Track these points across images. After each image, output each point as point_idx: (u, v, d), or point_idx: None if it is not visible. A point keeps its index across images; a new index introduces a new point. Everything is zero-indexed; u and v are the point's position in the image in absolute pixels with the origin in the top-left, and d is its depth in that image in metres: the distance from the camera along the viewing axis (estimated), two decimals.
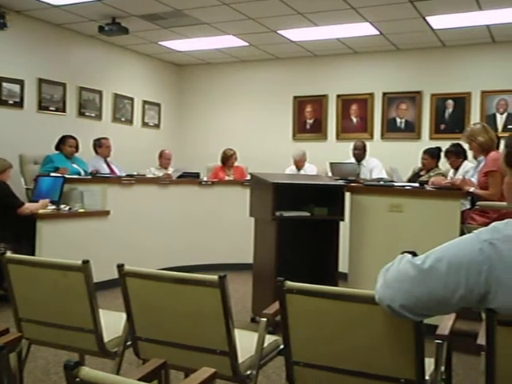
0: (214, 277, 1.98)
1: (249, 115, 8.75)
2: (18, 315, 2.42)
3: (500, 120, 7.20)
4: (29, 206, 4.77)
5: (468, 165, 5.28)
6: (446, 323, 2.04)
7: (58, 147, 6.20)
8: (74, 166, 6.10)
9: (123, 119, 8.28)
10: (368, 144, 6.96)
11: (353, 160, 6.80)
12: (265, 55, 8.43)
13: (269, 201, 3.93)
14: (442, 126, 7.55)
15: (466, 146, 4.74)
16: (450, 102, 7.50)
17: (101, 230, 5.26)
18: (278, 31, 7.09)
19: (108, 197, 5.37)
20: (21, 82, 6.69)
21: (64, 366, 1.21)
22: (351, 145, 6.94)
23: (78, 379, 1.21)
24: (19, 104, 6.69)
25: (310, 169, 7.18)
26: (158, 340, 2.17)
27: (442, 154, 5.80)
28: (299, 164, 7.19)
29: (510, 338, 1.48)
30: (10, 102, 6.59)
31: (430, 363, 1.91)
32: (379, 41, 7.32)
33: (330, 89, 8.19)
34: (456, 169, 5.50)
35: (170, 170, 6.77)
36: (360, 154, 6.76)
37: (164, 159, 7.20)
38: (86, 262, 2.21)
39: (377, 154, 6.94)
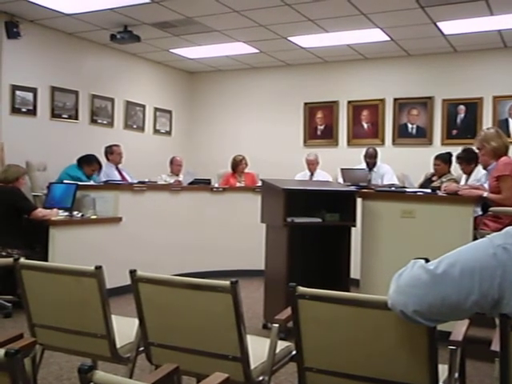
0: (226, 282, 1.99)
1: (260, 122, 8.77)
2: (31, 321, 2.44)
3: None
4: (42, 210, 4.84)
5: (481, 171, 5.20)
6: (459, 329, 2.03)
7: (79, 162, 6.27)
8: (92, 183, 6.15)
9: (135, 126, 8.33)
10: (379, 150, 6.94)
11: (364, 166, 6.77)
12: (275, 62, 8.45)
13: (280, 207, 3.93)
14: (454, 132, 7.51)
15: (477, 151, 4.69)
16: (462, 108, 7.46)
17: (113, 237, 5.29)
18: (289, 38, 7.11)
19: (120, 203, 5.40)
20: (34, 90, 6.76)
21: (78, 370, 1.22)
22: (362, 151, 6.93)
23: (91, 383, 1.22)
24: (32, 112, 6.76)
25: (321, 175, 7.15)
26: (171, 345, 2.18)
27: (454, 160, 5.75)
28: (311, 166, 7.17)
29: None
30: (24, 109, 6.66)
31: (443, 370, 1.90)
32: (390, 47, 7.31)
33: (341, 95, 8.18)
34: (468, 174, 5.44)
35: (181, 177, 6.80)
36: (371, 161, 6.74)
37: (175, 165, 7.24)
38: (98, 268, 2.22)
39: (388, 160, 6.92)
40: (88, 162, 6.27)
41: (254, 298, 4.93)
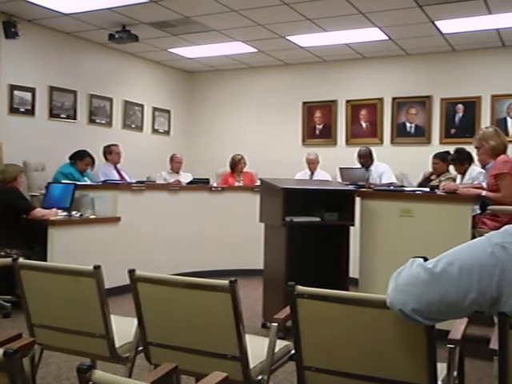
0: (225, 282, 1.99)
1: (258, 121, 8.77)
2: (30, 321, 2.44)
3: (511, 124, 7.16)
4: (40, 210, 4.84)
5: (475, 170, 5.20)
6: (457, 328, 2.03)
7: (72, 158, 6.26)
8: (86, 179, 6.15)
9: (133, 126, 8.33)
10: (378, 149, 6.94)
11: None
12: (274, 61, 8.45)
13: (279, 206, 3.92)
14: (453, 131, 7.52)
15: (471, 150, 4.68)
16: (460, 107, 7.47)
17: (112, 236, 5.28)
18: (287, 37, 7.11)
19: (118, 203, 5.40)
20: (32, 90, 6.75)
21: (77, 370, 1.22)
22: None
23: (90, 383, 1.22)
24: (30, 112, 6.76)
25: (321, 175, 7.14)
26: (169, 345, 2.18)
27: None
28: (311, 166, 7.15)
29: None
30: (22, 109, 6.66)
31: (442, 368, 1.90)
32: (388, 46, 7.32)
33: (340, 94, 8.19)
34: (463, 174, 5.44)
35: (182, 175, 6.80)
36: (366, 161, 6.60)
37: (175, 163, 7.23)
38: (97, 268, 2.22)
39: (387, 159, 6.91)
40: (81, 157, 6.26)
41: (253, 298, 4.94)
